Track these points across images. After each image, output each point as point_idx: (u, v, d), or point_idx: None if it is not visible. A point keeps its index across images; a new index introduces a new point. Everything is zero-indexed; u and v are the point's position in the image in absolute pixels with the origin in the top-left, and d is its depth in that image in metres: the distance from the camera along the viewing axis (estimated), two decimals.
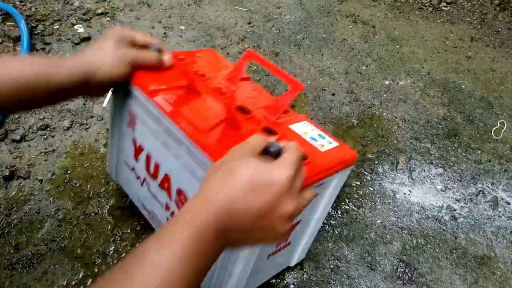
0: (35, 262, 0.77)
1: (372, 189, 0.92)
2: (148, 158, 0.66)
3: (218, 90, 0.62)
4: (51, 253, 0.78)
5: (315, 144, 0.58)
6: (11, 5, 1.36)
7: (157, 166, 0.65)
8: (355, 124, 1.07)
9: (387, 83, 1.20)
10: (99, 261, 0.77)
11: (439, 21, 1.46)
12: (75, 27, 1.36)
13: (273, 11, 1.47)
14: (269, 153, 0.43)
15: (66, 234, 0.81)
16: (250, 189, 0.38)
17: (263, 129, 0.57)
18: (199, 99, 0.60)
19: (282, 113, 0.60)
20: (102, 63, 0.56)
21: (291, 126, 0.61)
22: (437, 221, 0.87)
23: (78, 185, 0.90)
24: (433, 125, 1.08)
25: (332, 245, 0.82)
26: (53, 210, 0.85)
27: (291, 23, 1.41)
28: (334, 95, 1.15)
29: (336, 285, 0.77)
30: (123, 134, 0.71)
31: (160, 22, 1.40)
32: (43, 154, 0.96)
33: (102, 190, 0.89)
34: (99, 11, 1.43)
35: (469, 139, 1.05)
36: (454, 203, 0.91)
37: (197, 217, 0.37)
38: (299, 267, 0.78)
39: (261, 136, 0.44)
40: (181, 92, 0.60)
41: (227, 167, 0.40)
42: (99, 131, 0.99)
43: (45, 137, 0.99)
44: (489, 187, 0.94)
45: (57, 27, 1.35)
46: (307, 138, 0.59)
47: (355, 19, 1.45)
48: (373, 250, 0.82)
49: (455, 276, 0.78)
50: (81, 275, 0.75)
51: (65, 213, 0.84)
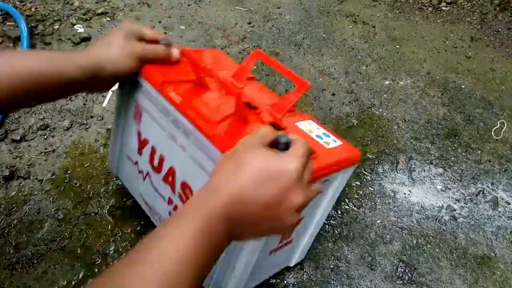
0: (35, 262, 0.77)
1: (372, 189, 0.92)
2: (152, 151, 0.66)
3: (226, 84, 0.62)
4: (51, 253, 0.78)
5: (320, 141, 0.59)
6: (11, 5, 1.36)
7: (161, 159, 0.65)
8: (355, 124, 1.07)
9: (387, 83, 1.20)
10: (99, 261, 0.77)
11: (439, 21, 1.46)
12: (75, 27, 1.36)
13: (273, 11, 1.47)
14: (278, 145, 0.44)
15: (66, 234, 0.81)
16: (260, 179, 0.38)
17: (270, 125, 0.57)
18: (207, 93, 0.60)
19: (287, 111, 0.60)
20: (111, 57, 0.57)
21: (297, 123, 0.62)
22: (437, 221, 0.87)
23: (78, 185, 0.90)
24: (433, 125, 1.08)
25: (332, 245, 0.82)
26: (53, 210, 0.85)
27: (291, 23, 1.41)
28: (334, 95, 1.15)
29: (336, 285, 0.77)
30: (128, 127, 0.71)
31: (160, 22, 1.40)
32: (43, 154, 0.96)
33: (102, 190, 0.89)
34: (99, 11, 1.43)
35: (469, 139, 1.05)
36: (454, 203, 0.91)
37: (206, 206, 0.37)
38: (299, 267, 0.78)
39: (270, 127, 0.44)
40: (189, 85, 0.61)
41: (237, 158, 0.40)
42: (99, 131, 0.99)
43: (45, 137, 0.99)
44: (489, 187, 0.94)
45: (57, 27, 1.35)
46: (313, 135, 0.60)
47: (355, 19, 1.45)
48: (373, 250, 0.82)
49: (455, 276, 0.78)
50: (81, 275, 0.75)
51: (65, 213, 0.84)
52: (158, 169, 0.66)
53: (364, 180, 0.94)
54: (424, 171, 0.97)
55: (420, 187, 0.93)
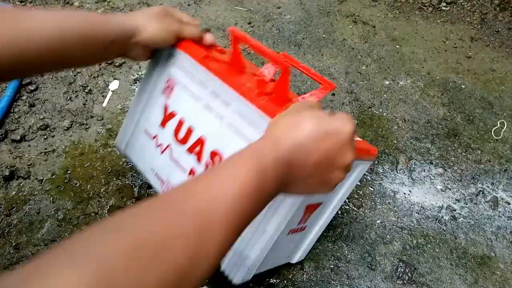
0: None
1: (372, 189, 0.92)
2: (179, 123, 0.68)
3: (275, 58, 0.63)
4: None
5: None
6: (11, 5, 1.36)
7: (190, 130, 0.67)
8: (355, 124, 1.07)
9: (387, 83, 1.20)
10: None
11: (439, 21, 1.46)
12: None
13: (273, 11, 1.47)
14: None
15: (66, 234, 0.81)
16: (320, 133, 0.40)
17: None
18: (244, 75, 0.63)
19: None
20: (149, 26, 0.59)
21: None
22: (437, 221, 0.87)
23: (78, 185, 0.90)
24: (433, 125, 1.08)
25: (332, 245, 0.82)
26: (53, 210, 0.85)
27: (291, 23, 1.41)
28: (334, 95, 1.15)
29: (336, 285, 0.77)
30: (153, 101, 0.72)
31: None
32: (43, 154, 0.96)
33: (102, 190, 0.89)
34: (99, 11, 1.43)
35: (469, 139, 1.05)
36: (454, 203, 0.91)
37: (268, 152, 0.38)
38: (299, 267, 0.78)
39: (315, 99, 0.47)
40: (226, 65, 0.63)
41: (295, 115, 0.42)
42: (99, 131, 0.99)
43: (45, 137, 0.99)
44: (489, 187, 0.94)
45: None
46: None
47: (355, 19, 1.45)
48: (373, 250, 0.82)
49: (455, 276, 0.78)
50: None
51: (65, 213, 0.84)
52: (183, 140, 0.68)
53: (364, 180, 0.94)
54: (424, 171, 0.97)
55: (420, 187, 0.93)
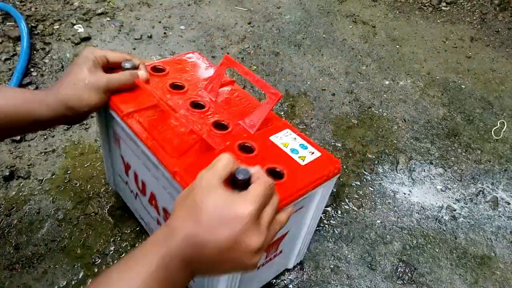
0: (35, 262, 0.77)
1: (372, 189, 0.92)
2: (135, 175, 0.67)
3: (190, 110, 0.61)
4: (51, 253, 0.78)
5: (295, 157, 0.56)
6: (11, 5, 1.36)
7: (143, 183, 0.65)
8: (355, 124, 1.07)
9: (387, 83, 1.20)
10: (99, 261, 0.77)
11: (439, 21, 1.46)
12: (75, 27, 1.36)
13: (273, 11, 1.47)
14: (236, 182, 0.43)
15: (66, 234, 0.81)
16: (214, 224, 0.38)
17: (239, 146, 0.56)
18: (170, 123, 0.59)
19: (262, 123, 0.59)
20: (77, 96, 0.57)
21: (272, 137, 0.59)
22: (437, 221, 0.87)
23: (78, 185, 0.90)
24: (433, 125, 1.08)
25: (332, 245, 0.82)
26: (53, 210, 0.85)
27: (291, 23, 1.41)
28: (334, 95, 1.15)
29: (336, 285, 0.77)
30: (113, 150, 0.72)
31: (160, 22, 1.40)
32: (43, 154, 0.96)
33: (102, 190, 0.89)
34: (99, 11, 1.43)
35: (469, 139, 1.05)
36: (454, 203, 0.91)
37: (165, 246, 0.39)
38: (299, 267, 0.78)
39: (229, 157, 0.43)
40: (156, 112, 0.60)
41: (193, 199, 0.40)
42: (99, 131, 1.00)
43: (45, 137, 0.99)
44: (489, 187, 0.94)
45: (57, 27, 1.35)
46: (288, 150, 0.57)
47: (355, 19, 1.45)
48: (373, 250, 0.82)
49: (455, 276, 0.78)
50: (81, 275, 0.75)
51: (65, 213, 0.84)
52: (143, 192, 0.68)
53: (364, 180, 0.94)
54: (424, 171, 0.97)
55: (420, 187, 0.93)
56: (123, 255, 0.78)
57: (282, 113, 1.09)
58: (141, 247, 0.40)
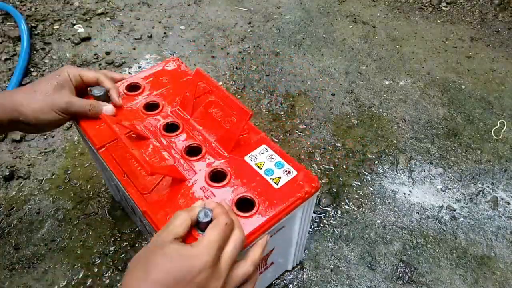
0: (35, 262, 0.77)
1: (372, 189, 0.92)
2: (124, 197, 0.66)
3: (163, 135, 0.59)
4: (51, 253, 0.78)
5: (269, 180, 0.54)
6: (11, 5, 1.36)
7: (133, 207, 0.65)
8: (355, 124, 1.07)
9: (387, 83, 1.20)
10: (99, 261, 0.77)
11: (439, 21, 1.46)
12: (75, 27, 1.36)
13: (273, 11, 1.47)
14: (200, 226, 0.43)
15: (66, 234, 0.81)
16: (169, 282, 0.38)
17: (210, 174, 0.54)
18: (146, 146, 0.58)
19: (237, 140, 0.57)
20: (30, 104, 0.55)
21: (247, 157, 0.57)
22: (437, 221, 0.87)
23: (78, 185, 0.90)
24: (433, 125, 1.08)
25: (332, 245, 0.82)
26: (53, 210, 0.85)
27: (291, 23, 1.41)
28: (334, 95, 1.15)
29: (336, 285, 0.77)
30: (105, 168, 0.72)
31: (160, 22, 1.40)
32: (43, 154, 0.96)
33: (102, 190, 0.89)
34: (99, 11, 1.43)
35: (469, 139, 1.05)
36: (454, 203, 0.91)
37: None
38: (299, 267, 0.78)
39: (185, 215, 0.43)
40: (129, 137, 0.58)
41: (148, 260, 0.39)
42: None
43: (45, 137, 0.99)
44: (489, 187, 0.94)
45: (57, 27, 1.35)
46: (262, 172, 0.55)
47: (355, 19, 1.45)
48: (373, 250, 0.82)
49: (455, 276, 0.78)
50: (81, 275, 0.75)
51: (65, 213, 0.84)
52: (133, 212, 0.67)
53: (364, 180, 0.94)
54: (424, 171, 0.97)
55: (420, 187, 0.93)
56: (123, 255, 0.78)
57: (282, 113, 1.09)
58: None
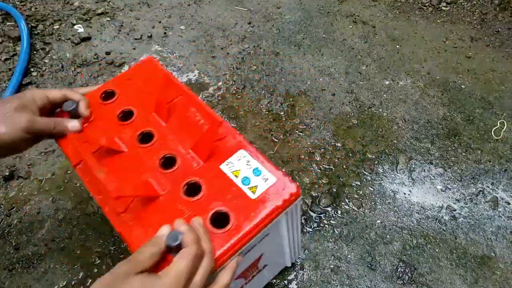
0: (35, 262, 0.77)
1: (372, 189, 0.92)
2: None
3: (137, 147, 0.58)
4: (51, 253, 0.78)
5: (246, 189, 0.52)
6: (11, 5, 1.36)
7: None
8: (355, 124, 1.07)
9: (387, 83, 1.20)
10: (99, 261, 0.77)
11: (439, 21, 1.46)
12: (75, 27, 1.36)
13: (273, 11, 1.47)
14: (170, 249, 0.44)
15: (66, 234, 0.81)
16: None
17: (185, 187, 0.53)
18: (120, 159, 0.57)
19: (212, 147, 0.56)
20: None
21: (223, 165, 0.55)
22: (437, 221, 0.87)
23: (78, 185, 0.90)
24: (433, 125, 1.08)
25: (332, 245, 0.82)
26: (53, 210, 0.85)
27: (291, 23, 1.41)
28: (334, 95, 1.15)
29: (336, 285, 0.77)
30: None
31: (160, 22, 1.40)
32: (43, 154, 0.96)
33: None
34: (99, 11, 1.43)
35: (469, 139, 1.05)
36: (454, 203, 0.91)
37: None
38: (299, 267, 0.78)
39: (151, 248, 0.43)
40: (95, 158, 0.56)
41: None
42: None
43: None
44: (489, 187, 0.94)
45: (57, 27, 1.35)
46: (238, 181, 0.53)
47: (355, 19, 1.45)
48: (373, 250, 0.82)
49: (455, 276, 0.78)
50: (81, 275, 0.75)
51: (65, 213, 0.84)
52: None
53: (364, 180, 0.94)
54: (424, 171, 0.97)
55: (420, 187, 0.93)
56: (123, 255, 0.78)
57: (282, 113, 1.09)
58: None
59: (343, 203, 0.89)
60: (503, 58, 1.31)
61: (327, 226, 0.85)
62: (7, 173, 0.90)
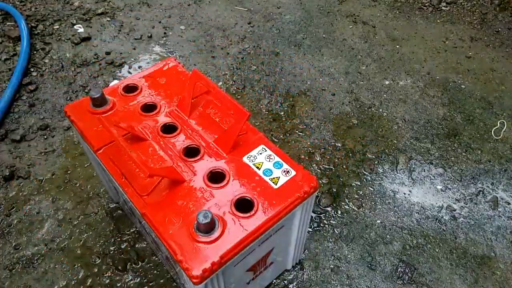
0: (35, 262, 0.77)
1: (372, 189, 0.92)
2: (124, 201, 0.67)
3: (161, 136, 0.60)
4: (51, 253, 0.78)
5: (268, 180, 0.55)
6: (11, 5, 1.36)
7: (131, 209, 0.65)
8: (355, 124, 1.07)
9: (387, 83, 1.20)
10: (99, 261, 0.77)
11: (439, 21, 1.46)
12: (75, 27, 1.36)
13: (273, 11, 1.47)
14: (198, 226, 0.46)
15: (66, 234, 0.81)
16: None
17: (209, 175, 0.55)
18: (144, 147, 0.59)
19: (236, 140, 0.58)
20: None
21: (245, 158, 0.58)
22: (437, 221, 0.87)
23: (78, 185, 0.90)
24: (433, 125, 1.08)
25: (332, 245, 0.82)
26: (53, 210, 0.85)
27: (291, 23, 1.41)
28: (334, 95, 1.15)
29: (336, 285, 0.77)
30: (103, 174, 0.73)
31: (160, 22, 1.40)
32: (43, 154, 0.96)
33: (102, 190, 0.89)
34: (99, 11, 1.43)
35: (469, 139, 1.05)
36: (454, 203, 0.91)
37: None
38: (299, 267, 0.78)
39: None
40: (125, 141, 0.58)
41: None
42: None
43: (45, 137, 0.99)
44: (489, 187, 0.94)
45: (57, 27, 1.35)
46: (261, 173, 0.56)
47: (355, 19, 1.45)
48: (373, 250, 0.82)
49: (455, 276, 0.78)
50: (81, 275, 0.75)
51: (65, 213, 0.84)
52: (132, 215, 0.68)
53: (364, 180, 0.94)
54: (424, 171, 0.97)
55: (420, 187, 0.93)
56: (123, 255, 0.78)
57: (282, 113, 1.09)
58: None
59: (343, 203, 0.89)
60: (503, 58, 1.31)
61: (327, 226, 0.85)
62: (7, 173, 0.90)
